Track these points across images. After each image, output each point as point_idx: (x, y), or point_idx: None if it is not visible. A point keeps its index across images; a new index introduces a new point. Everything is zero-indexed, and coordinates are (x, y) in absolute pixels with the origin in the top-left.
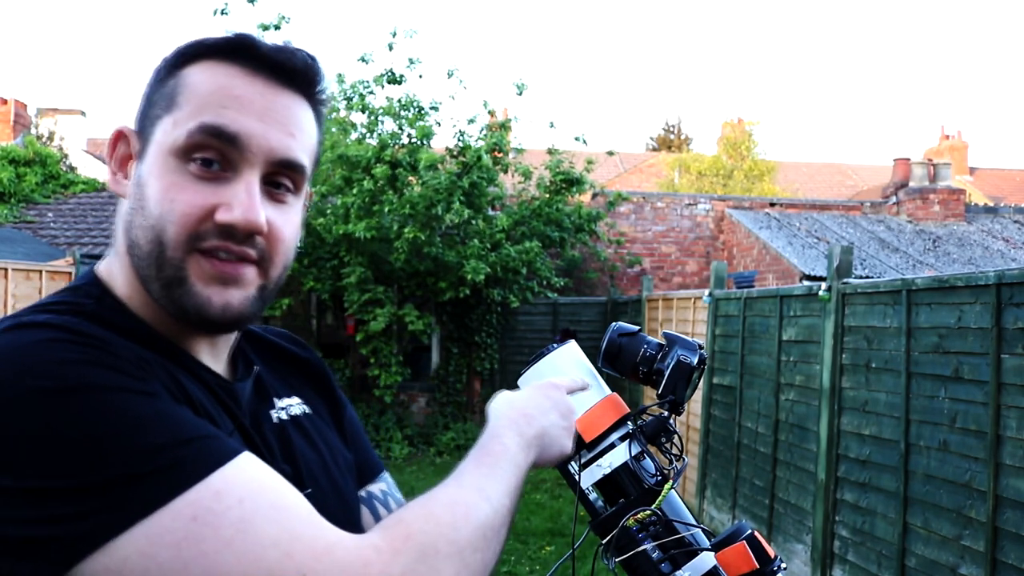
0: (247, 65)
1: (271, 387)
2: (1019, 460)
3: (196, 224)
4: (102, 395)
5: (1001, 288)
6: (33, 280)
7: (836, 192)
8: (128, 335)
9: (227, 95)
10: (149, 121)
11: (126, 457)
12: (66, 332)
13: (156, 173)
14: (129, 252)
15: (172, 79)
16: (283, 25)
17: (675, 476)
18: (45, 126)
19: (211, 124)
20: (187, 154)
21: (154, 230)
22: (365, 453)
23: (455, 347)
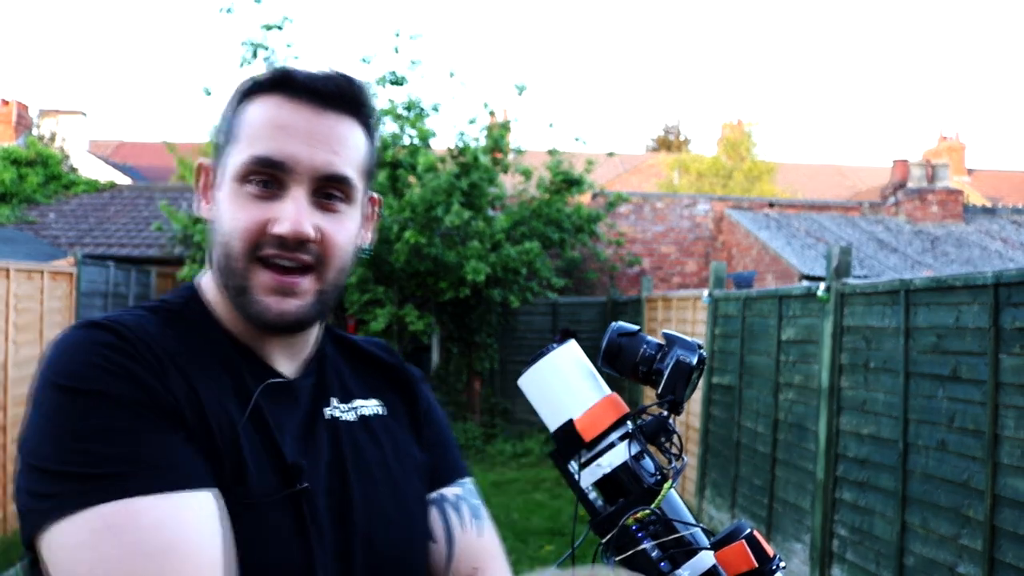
0: (290, 95)
1: (342, 388)
2: (1017, 459)
3: (255, 237)
4: (96, 401)
5: (999, 288)
6: (35, 280)
7: (835, 193)
8: (196, 334)
9: (274, 125)
10: (221, 154)
11: (84, 459)
12: (113, 335)
13: (225, 197)
14: (213, 265)
15: (234, 116)
16: (286, 25)
17: (674, 476)
18: (47, 127)
19: (259, 155)
20: (245, 179)
21: (225, 245)
22: (445, 459)
23: (455, 347)
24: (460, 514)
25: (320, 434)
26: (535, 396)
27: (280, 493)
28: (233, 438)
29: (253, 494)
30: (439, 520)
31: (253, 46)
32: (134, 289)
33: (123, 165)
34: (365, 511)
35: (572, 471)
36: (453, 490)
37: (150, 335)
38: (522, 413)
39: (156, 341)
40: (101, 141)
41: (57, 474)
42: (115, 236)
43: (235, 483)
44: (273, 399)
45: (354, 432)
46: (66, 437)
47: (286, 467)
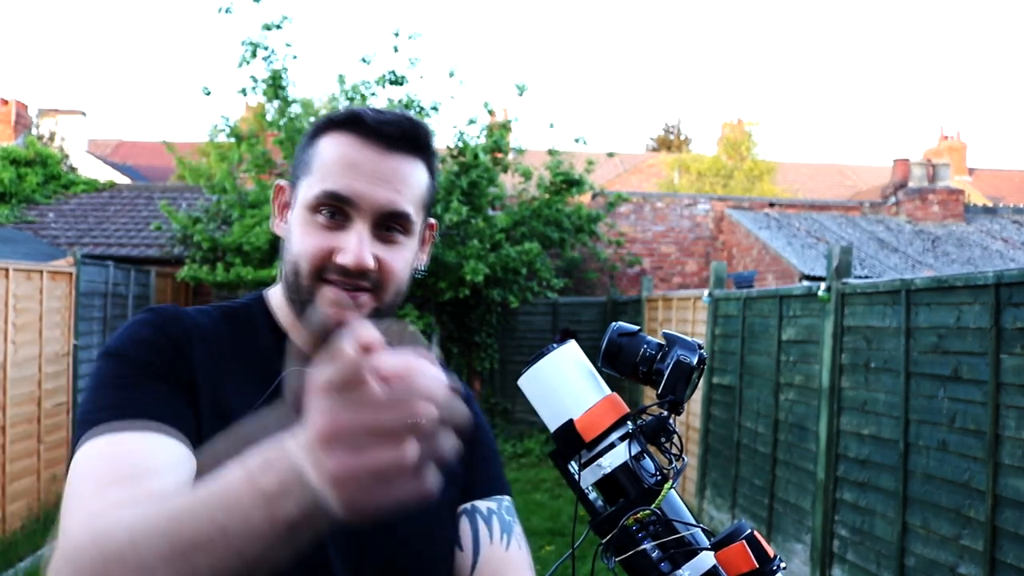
0: (360, 134)
1: None
2: (1018, 460)
3: (320, 262)
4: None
5: (1000, 288)
6: (34, 280)
7: (835, 192)
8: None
9: (344, 163)
10: (296, 180)
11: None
12: (155, 315)
13: (297, 222)
14: (283, 279)
15: (311, 148)
16: (285, 25)
17: (675, 476)
18: (46, 126)
19: (330, 191)
20: (316, 209)
21: (295, 264)
22: (485, 474)
23: (455, 347)
24: (490, 526)
25: None
26: (535, 396)
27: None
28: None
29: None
30: (468, 529)
31: (252, 46)
32: (133, 289)
33: (122, 165)
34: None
35: (572, 471)
36: (488, 504)
37: (195, 323)
38: (522, 413)
39: (198, 331)
40: (100, 140)
41: (78, 424)
42: (114, 236)
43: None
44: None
45: None
46: (93, 390)
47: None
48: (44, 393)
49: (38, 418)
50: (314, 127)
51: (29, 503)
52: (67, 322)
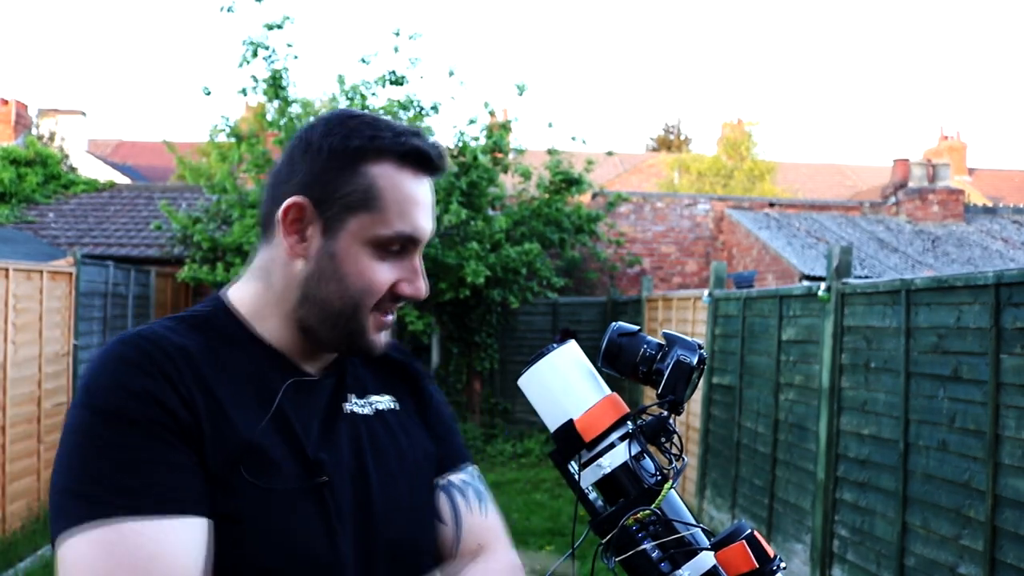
0: (417, 169)
1: (358, 384)
2: (1018, 460)
3: (381, 294)
4: (113, 423)
5: (1000, 288)
6: (34, 280)
7: (835, 192)
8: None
9: (410, 202)
10: (338, 207)
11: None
12: (133, 349)
13: (353, 255)
14: (305, 301)
15: (357, 176)
16: (286, 24)
17: (675, 476)
18: (46, 126)
19: (407, 234)
20: (385, 248)
21: (353, 298)
22: (450, 445)
23: (455, 347)
24: (467, 497)
25: (340, 428)
26: (535, 396)
27: (304, 484)
28: (259, 434)
29: (280, 486)
30: (447, 503)
31: (253, 45)
32: (133, 289)
33: (122, 165)
34: (383, 499)
35: (572, 471)
36: (459, 476)
37: (177, 348)
38: (522, 413)
39: (183, 354)
40: (100, 140)
41: (67, 492)
42: (114, 236)
43: (261, 478)
44: (297, 397)
45: (371, 425)
46: (80, 457)
47: (309, 462)
48: (44, 393)
49: (38, 418)
50: (355, 148)
51: (29, 503)
52: (67, 322)
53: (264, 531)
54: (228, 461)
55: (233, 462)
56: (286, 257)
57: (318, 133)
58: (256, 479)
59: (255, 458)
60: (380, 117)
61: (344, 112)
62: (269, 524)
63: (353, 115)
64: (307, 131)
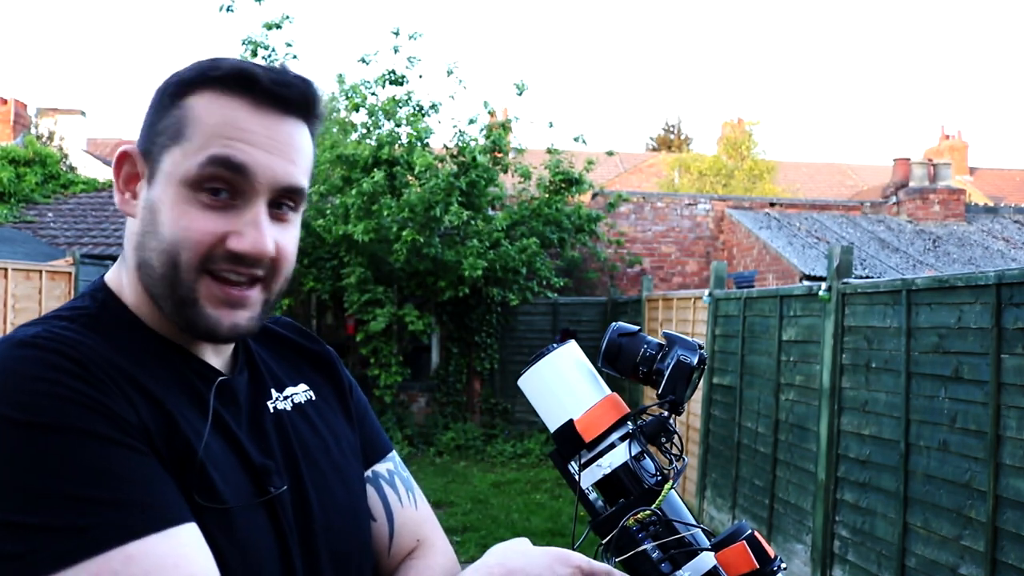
0: (250, 97)
1: (272, 378)
2: (1019, 460)
3: (208, 250)
4: (62, 438)
5: (1001, 288)
6: (33, 280)
7: (836, 192)
8: (126, 338)
9: (233, 127)
10: (157, 148)
11: (61, 507)
12: (50, 353)
13: (168, 201)
14: (139, 269)
15: (176, 108)
16: (286, 24)
17: (675, 476)
18: (45, 126)
19: (220, 155)
20: (198, 184)
21: (168, 254)
22: (372, 434)
23: (455, 347)
24: (395, 489)
25: (268, 429)
26: (535, 396)
27: (258, 499)
28: (204, 447)
29: (231, 501)
30: (377, 497)
31: (253, 45)
32: None
33: None
34: (320, 503)
35: (572, 471)
36: (385, 466)
37: (93, 350)
38: (522, 413)
39: (102, 356)
40: (100, 140)
41: (28, 527)
42: (114, 236)
43: (212, 493)
44: (219, 398)
45: (295, 422)
46: (36, 482)
47: (255, 470)
48: None
49: None
50: (178, 81)
51: None
52: None
53: (221, 553)
54: (179, 473)
55: (183, 475)
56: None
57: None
58: (211, 497)
59: (206, 471)
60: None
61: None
62: (227, 544)
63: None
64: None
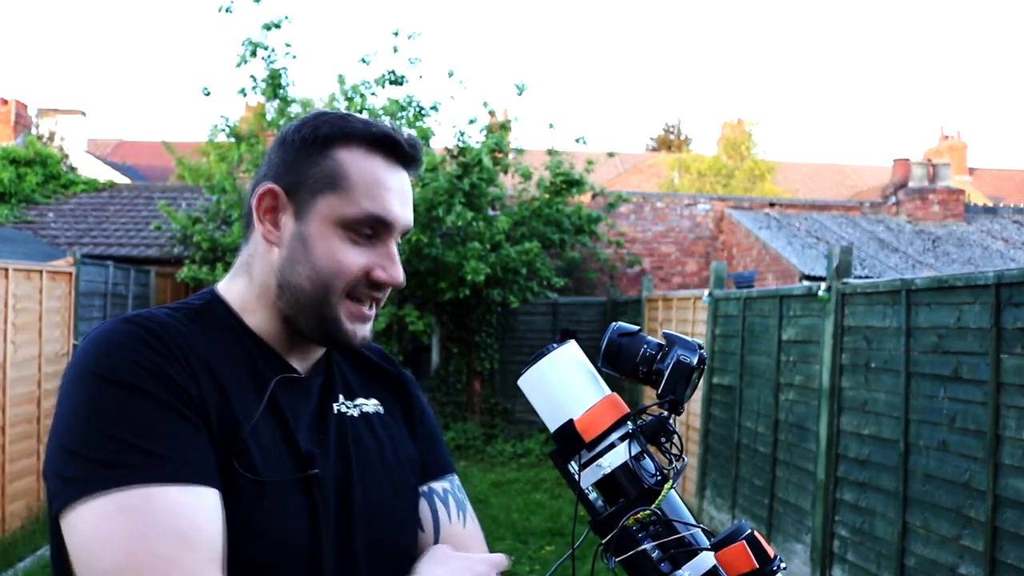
0: (389, 155)
1: (345, 386)
2: (1018, 460)
3: (355, 278)
4: (130, 394)
5: (1000, 288)
6: (34, 280)
7: (835, 192)
8: (218, 332)
9: (382, 185)
10: (307, 190)
11: (112, 446)
12: (139, 327)
13: (322, 237)
14: (280, 289)
15: (325, 159)
16: (285, 24)
17: (675, 476)
18: (46, 126)
19: (375, 214)
20: (352, 227)
21: (321, 280)
22: (435, 455)
23: (455, 347)
24: (447, 506)
25: (329, 427)
26: (535, 396)
27: (293, 476)
28: (254, 426)
29: (271, 477)
30: (428, 511)
31: (252, 45)
32: (133, 289)
33: (122, 164)
34: (365, 498)
35: (572, 471)
36: (441, 484)
37: (181, 334)
38: (522, 413)
39: (186, 340)
40: (100, 140)
41: (85, 457)
42: (114, 236)
43: (254, 466)
44: (288, 392)
45: (357, 427)
46: (98, 424)
47: (300, 455)
48: (44, 393)
49: (38, 418)
50: (324, 135)
51: (29, 503)
52: (67, 322)
53: (250, 521)
54: (225, 446)
55: (228, 447)
56: (264, 247)
57: (292, 129)
58: (248, 468)
59: (248, 446)
60: (354, 114)
61: (314, 112)
62: (257, 514)
63: (326, 112)
64: (283, 130)
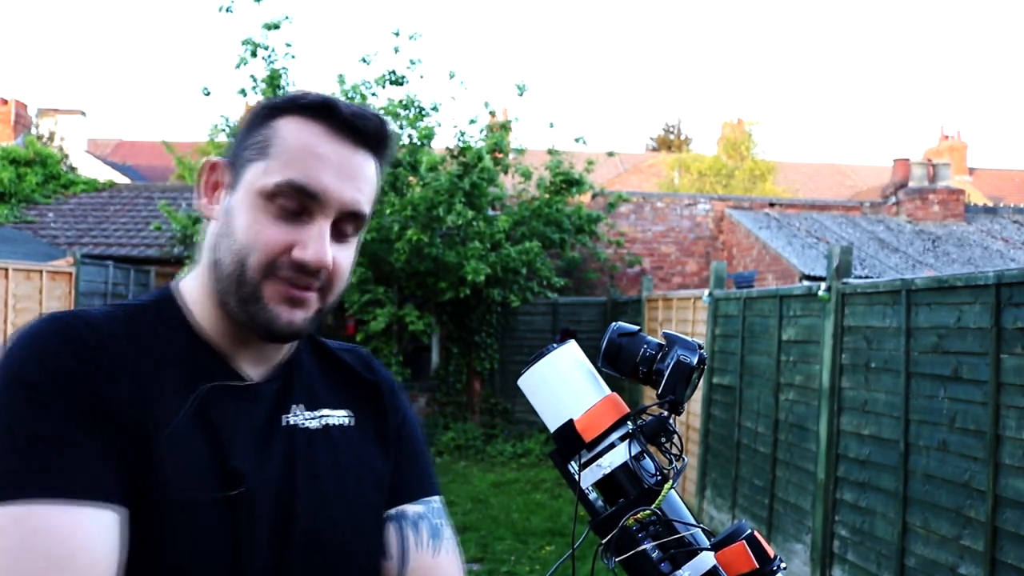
0: (330, 125)
1: (308, 395)
2: (1018, 460)
3: (275, 255)
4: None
5: (1000, 288)
6: (33, 280)
7: (836, 192)
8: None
9: (311, 153)
10: (241, 161)
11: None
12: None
13: (245, 207)
14: (212, 267)
15: (265, 128)
16: (285, 24)
17: (675, 476)
18: (45, 126)
19: (297, 182)
20: (273, 198)
21: (239, 254)
22: (413, 474)
23: (455, 347)
24: (418, 532)
25: (275, 440)
26: (535, 396)
27: (212, 496)
28: (172, 439)
29: (186, 495)
30: (395, 536)
31: (252, 45)
32: (133, 289)
33: (122, 164)
34: (310, 520)
35: (572, 471)
36: (415, 508)
37: (111, 335)
38: (522, 413)
39: (115, 342)
40: (100, 140)
41: None
42: (114, 236)
43: (166, 484)
44: (225, 401)
45: (313, 440)
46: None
47: (225, 473)
48: None
49: None
50: (270, 105)
51: None
52: None
53: (161, 545)
54: (139, 460)
55: (139, 463)
56: (207, 226)
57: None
58: (159, 485)
59: (163, 461)
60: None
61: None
62: (169, 537)
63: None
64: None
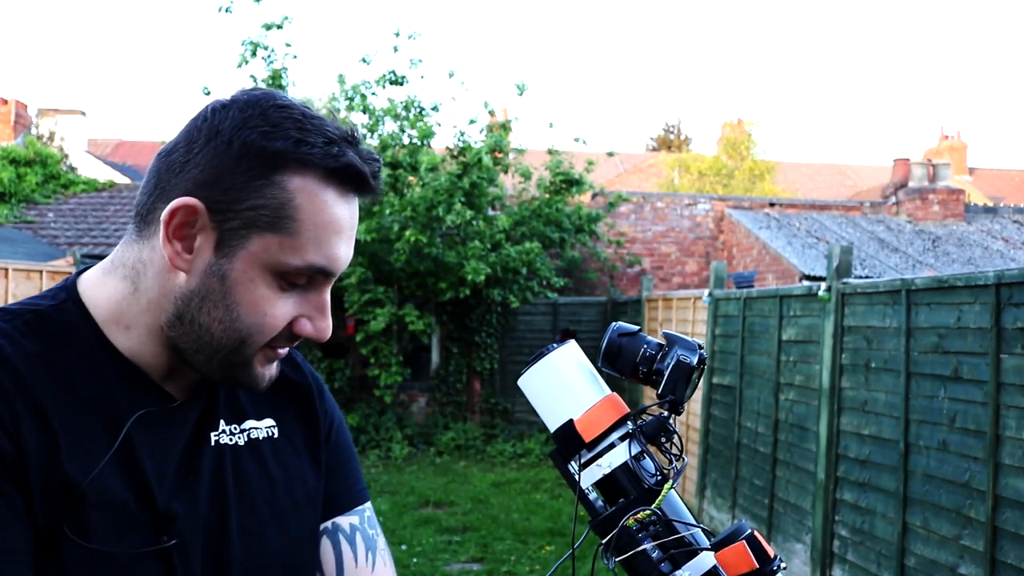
0: (341, 183)
1: (232, 407)
2: (1018, 460)
3: (277, 332)
4: None
5: (1000, 288)
6: (33, 280)
7: (836, 192)
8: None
9: (332, 230)
10: (240, 220)
11: None
12: None
13: (249, 282)
14: (179, 320)
15: (270, 186)
16: (285, 24)
17: (675, 476)
18: (45, 126)
19: (320, 266)
20: (287, 277)
21: (240, 332)
22: (343, 483)
23: (455, 347)
24: (354, 547)
25: (203, 463)
26: (535, 396)
27: (147, 548)
28: (96, 481)
29: (117, 545)
30: (331, 552)
31: (252, 45)
32: None
33: (122, 164)
34: (245, 553)
35: (572, 471)
36: (349, 519)
37: (7, 362)
38: (522, 413)
39: (11, 367)
40: (100, 140)
41: None
42: (114, 236)
43: (89, 534)
44: (152, 428)
45: (240, 459)
46: None
47: (156, 516)
48: None
49: None
50: (275, 151)
51: None
52: None
53: None
54: (52, 511)
55: (56, 512)
56: (165, 264)
57: (230, 121)
58: (83, 537)
59: (85, 509)
60: (310, 112)
61: (267, 98)
62: None
63: (279, 105)
64: (217, 112)
